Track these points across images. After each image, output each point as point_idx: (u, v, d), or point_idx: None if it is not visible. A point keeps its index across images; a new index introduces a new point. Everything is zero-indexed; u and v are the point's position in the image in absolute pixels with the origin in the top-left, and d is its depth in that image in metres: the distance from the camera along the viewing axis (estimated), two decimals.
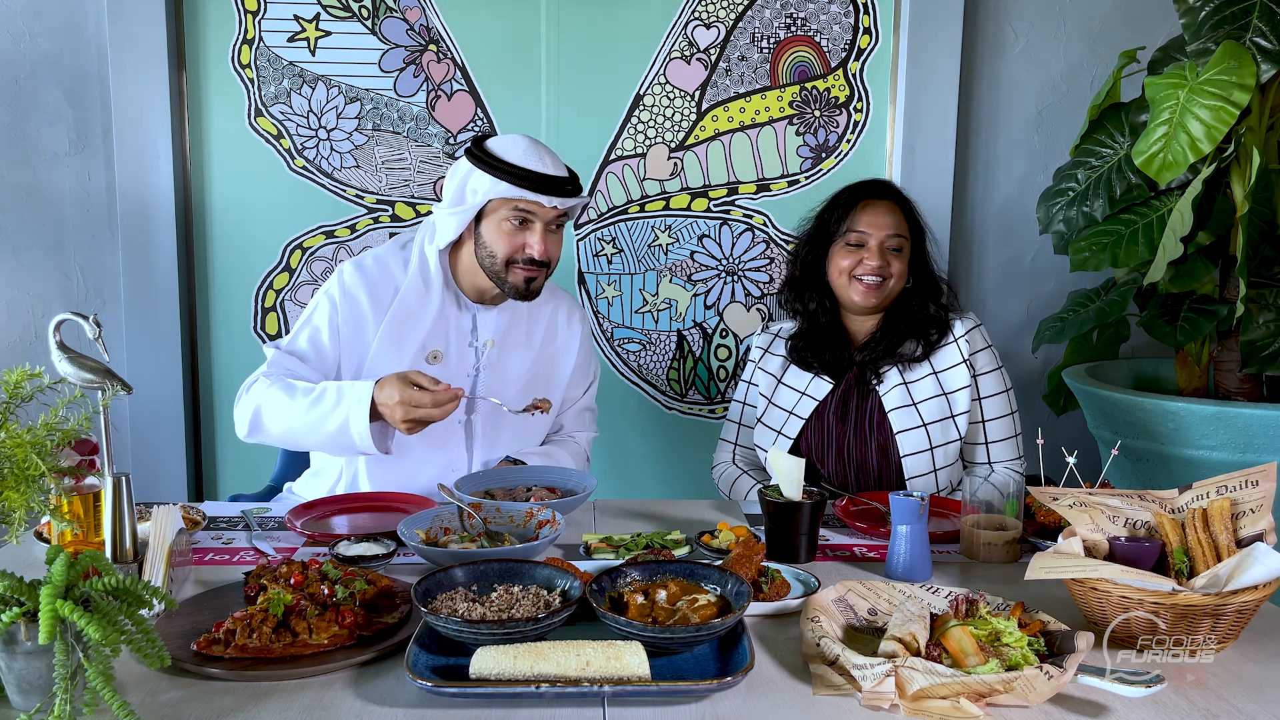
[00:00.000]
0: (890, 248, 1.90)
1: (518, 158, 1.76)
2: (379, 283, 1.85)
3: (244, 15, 2.56)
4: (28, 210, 2.59)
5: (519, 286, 1.81)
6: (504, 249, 1.78)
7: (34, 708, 0.99)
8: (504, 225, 1.78)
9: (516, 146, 1.78)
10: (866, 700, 1.03)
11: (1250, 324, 2.26)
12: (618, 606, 1.17)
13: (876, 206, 1.92)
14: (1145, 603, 1.13)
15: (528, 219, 1.78)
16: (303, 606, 1.15)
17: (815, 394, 1.95)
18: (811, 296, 1.99)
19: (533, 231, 1.78)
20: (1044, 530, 1.53)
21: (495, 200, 1.77)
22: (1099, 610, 1.18)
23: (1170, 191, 2.34)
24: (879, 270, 1.88)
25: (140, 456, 2.64)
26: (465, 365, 1.89)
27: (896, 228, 1.90)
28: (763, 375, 2.03)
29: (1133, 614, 1.14)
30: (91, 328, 1.33)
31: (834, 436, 1.93)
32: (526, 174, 1.74)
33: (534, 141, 1.81)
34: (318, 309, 1.85)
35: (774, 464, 1.52)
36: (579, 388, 2.03)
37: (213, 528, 1.62)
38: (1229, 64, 2.08)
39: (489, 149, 1.78)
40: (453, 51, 2.59)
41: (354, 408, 1.67)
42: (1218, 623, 1.14)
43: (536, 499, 1.68)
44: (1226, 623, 1.14)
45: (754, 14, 2.62)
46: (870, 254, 1.89)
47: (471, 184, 1.78)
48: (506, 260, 1.79)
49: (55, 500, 1.18)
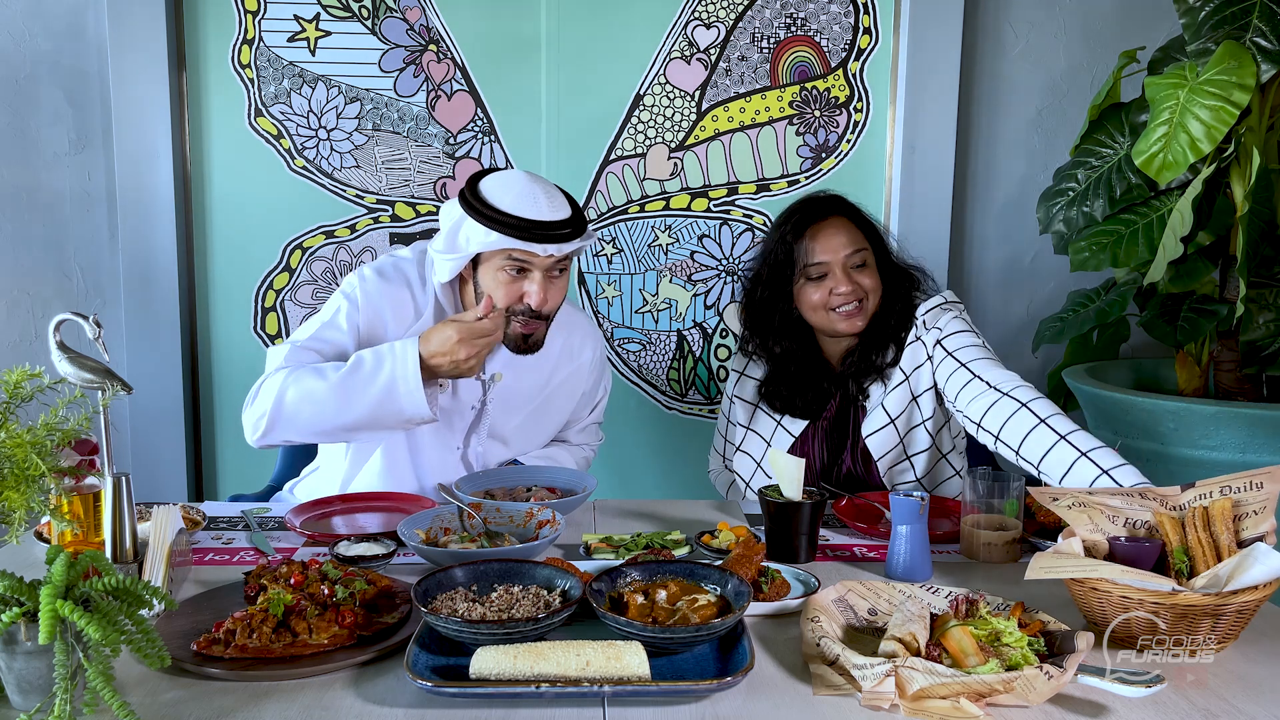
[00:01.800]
0: (854, 265, 1.79)
1: (510, 204, 1.65)
2: (400, 295, 1.77)
3: (244, 15, 2.56)
4: (28, 210, 2.59)
5: (516, 342, 1.72)
6: (502, 299, 1.69)
7: (34, 708, 0.99)
8: (500, 275, 1.68)
9: (510, 190, 1.67)
10: (866, 700, 1.03)
11: (1250, 324, 2.26)
12: (618, 606, 1.17)
13: (824, 228, 1.80)
14: (1145, 603, 1.13)
15: (525, 268, 1.68)
16: (303, 606, 1.15)
17: (792, 429, 1.87)
18: (777, 340, 1.87)
19: (531, 280, 1.68)
20: (1044, 530, 1.53)
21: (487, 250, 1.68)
22: (1099, 610, 1.18)
23: (1170, 191, 2.34)
24: (852, 295, 1.78)
25: (140, 456, 2.64)
26: (471, 398, 1.82)
27: (853, 243, 1.79)
28: (739, 403, 1.96)
29: (1133, 614, 1.14)
30: (91, 328, 1.33)
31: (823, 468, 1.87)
32: (519, 223, 1.63)
33: (532, 180, 1.70)
34: (339, 310, 1.75)
35: (774, 464, 1.52)
36: (586, 408, 2.00)
37: (213, 528, 1.62)
38: (1229, 64, 2.08)
39: (482, 195, 1.68)
40: (453, 51, 2.59)
41: (400, 365, 1.59)
42: (1218, 623, 1.14)
43: (536, 499, 1.68)
44: (1226, 623, 1.14)
45: (754, 14, 2.62)
46: (838, 281, 1.77)
47: (464, 231, 1.68)
48: (506, 311, 1.69)
49: (55, 500, 1.18)
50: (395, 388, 1.60)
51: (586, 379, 1.95)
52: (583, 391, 1.95)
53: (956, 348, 1.75)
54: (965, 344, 1.75)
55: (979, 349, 1.75)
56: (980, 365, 1.71)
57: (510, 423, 1.86)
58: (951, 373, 1.73)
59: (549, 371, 1.88)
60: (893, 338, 1.83)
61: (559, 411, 1.94)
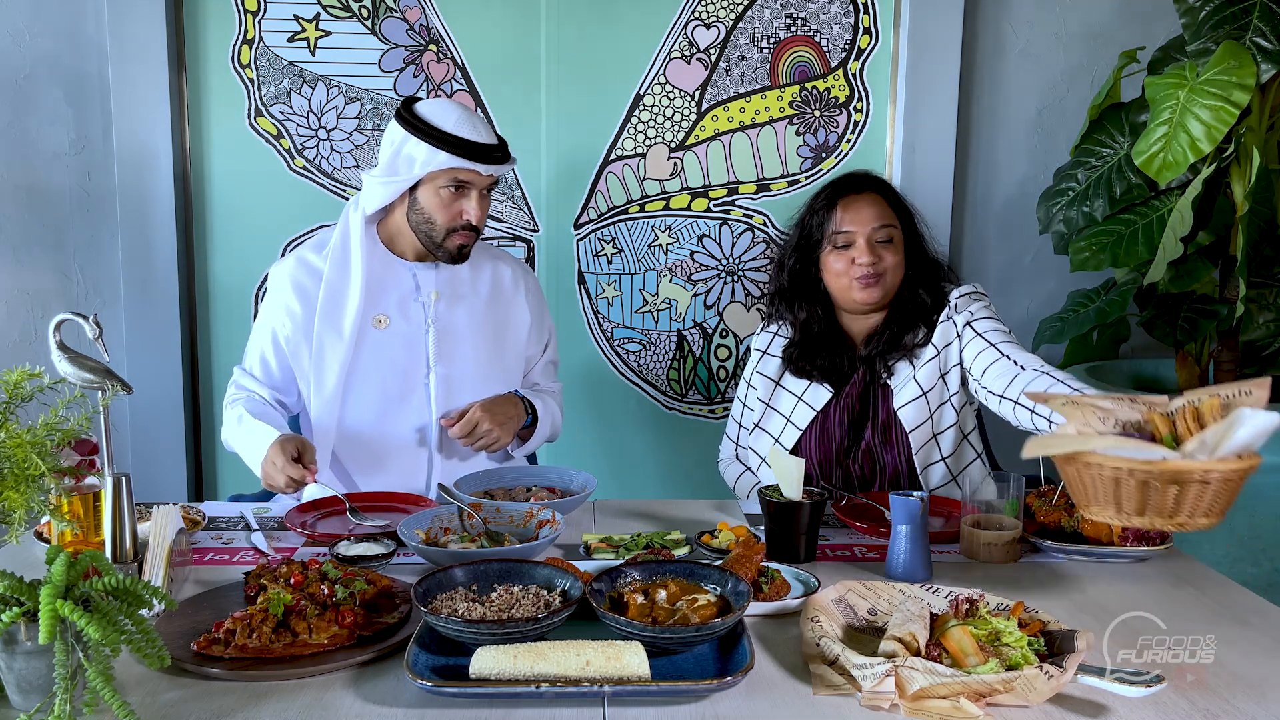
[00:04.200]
0: (879, 240, 1.82)
1: (453, 126, 1.79)
2: (304, 277, 1.90)
3: (244, 15, 2.56)
4: (28, 210, 2.59)
5: (453, 252, 1.86)
6: (442, 217, 1.83)
7: (34, 708, 0.99)
8: (441, 193, 1.82)
9: (449, 114, 1.80)
10: (866, 700, 1.03)
11: (1250, 324, 2.26)
12: (618, 606, 1.17)
13: (857, 200, 1.85)
14: (1136, 472, 1.10)
15: (464, 186, 1.82)
16: (303, 606, 1.15)
17: (813, 402, 1.89)
18: (801, 305, 1.91)
19: (469, 199, 1.83)
20: (1044, 530, 1.53)
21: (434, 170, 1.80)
22: (1091, 491, 1.15)
23: (1170, 191, 2.34)
24: (873, 266, 1.81)
25: (140, 456, 2.64)
26: (415, 323, 1.91)
27: (882, 218, 1.83)
28: (760, 379, 1.96)
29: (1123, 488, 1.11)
30: (91, 328, 1.34)
31: (843, 444, 1.88)
32: (465, 143, 1.78)
33: (466, 109, 1.84)
34: (259, 328, 1.94)
35: (774, 464, 1.52)
36: (537, 345, 2.06)
37: (213, 528, 1.62)
38: (1229, 64, 2.08)
39: (423, 116, 1.80)
40: (453, 51, 2.59)
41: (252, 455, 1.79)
42: (1206, 489, 1.11)
43: (536, 499, 1.68)
44: (1212, 491, 1.11)
45: (754, 14, 2.62)
46: (860, 251, 1.81)
47: (408, 151, 1.81)
48: (446, 228, 1.84)
49: (55, 500, 1.18)
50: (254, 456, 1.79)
51: (525, 308, 2.02)
52: (528, 323, 2.02)
53: (985, 330, 1.80)
54: (994, 328, 1.81)
55: (1006, 335, 1.80)
56: (1008, 347, 1.76)
57: (461, 349, 1.92)
58: (980, 352, 1.78)
59: (486, 293, 1.98)
60: (924, 318, 1.87)
61: (512, 344, 2.00)
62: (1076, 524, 1.50)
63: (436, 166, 1.79)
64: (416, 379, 1.90)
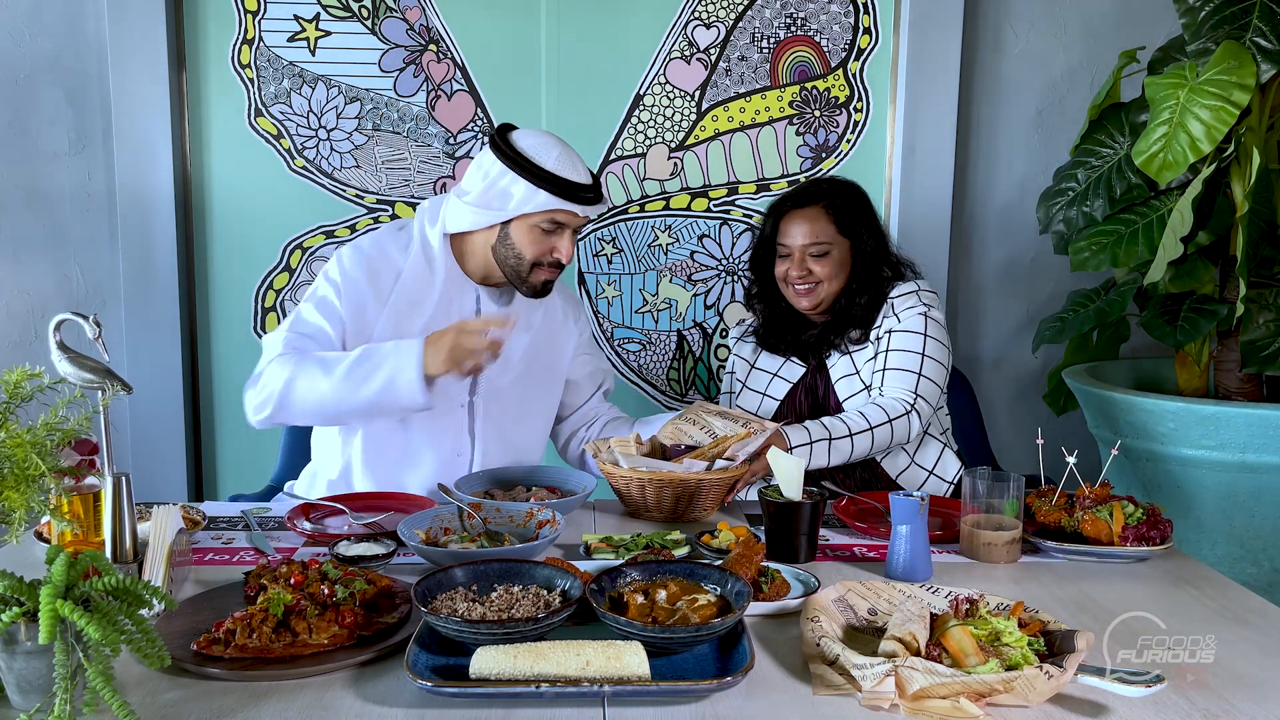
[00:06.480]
0: (813, 254, 1.96)
1: (554, 164, 1.75)
2: (379, 265, 1.83)
3: (244, 15, 2.56)
4: (28, 210, 2.59)
5: (536, 287, 1.83)
6: (532, 252, 1.79)
7: (34, 708, 0.99)
8: (535, 231, 1.78)
9: (550, 151, 1.77)
10: (866, 700, 1.03)
11: (1250, 324, 2.26)
12: (618, 606, 1.17)
13: (797, 215, 1.98)
14: (652, 481, 1.62)
15: (560, 226, 1.79)
16: (303, 606, 1.15)
17: (788, 376, 2.04)
18: (761, 302, 2.09)
19: (562, 237, 1.80)
20: (1044, 530, 1.53)
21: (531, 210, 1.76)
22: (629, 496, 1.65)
23: (1170, 191, 2.34)
24: (803, 279, 1.96)
25: (140, 456, 2.64)
26: None
27: (815, 235, 1.95)
28: (739, 362, 2.13)
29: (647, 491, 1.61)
30: (91, 328, 1.34)
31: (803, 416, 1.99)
32: (565, 184, 1.75)
33: (563, 144, 1.80)
34: (320, 294, 1.82)
35: (774, 464, 1.52)
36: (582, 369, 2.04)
37: (213, 528, 1.62)
38: (1229, 64, 2.08)
39: (523, 151, 1.76)
40: (453, 51, 2.59)
41: (403, 360, 1.66)
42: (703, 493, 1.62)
43: (536, 499, 1.68)
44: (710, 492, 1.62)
45: (754, 14, 2.62)
46: (794, 264, 1.97)
47: (504, 185, 1.76)
48: (533, 263, 1.80)
49: (55, 500, 1.18)
50: (396, 382, 1.66)
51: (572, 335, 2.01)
52: (570, 351, 2.01)
53: (895, 346, 1.92)
54: (903, 346, 1.92)
55: (910, 355, 1.90)
56: (891, 374, 1.90)
57: (505, 377, 1.88)
58: (875, 369, 1.94)
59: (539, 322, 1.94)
60: (859, 322, 1.99)
61: (556, 372, 1.99)
62: (1076, 524, 1.50)
63: (535, 207, 1.75)
64: (457, 400, 1.85)
